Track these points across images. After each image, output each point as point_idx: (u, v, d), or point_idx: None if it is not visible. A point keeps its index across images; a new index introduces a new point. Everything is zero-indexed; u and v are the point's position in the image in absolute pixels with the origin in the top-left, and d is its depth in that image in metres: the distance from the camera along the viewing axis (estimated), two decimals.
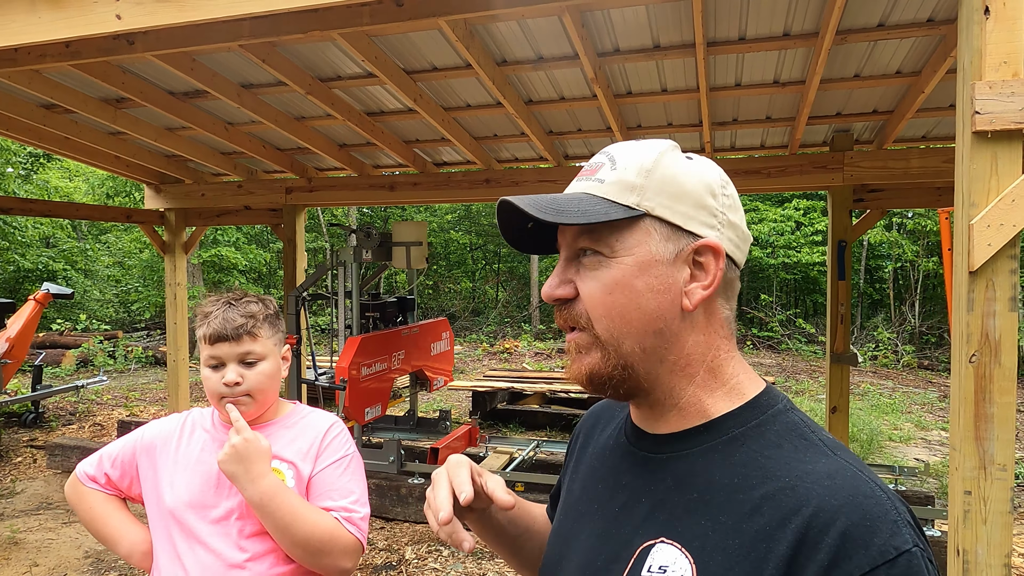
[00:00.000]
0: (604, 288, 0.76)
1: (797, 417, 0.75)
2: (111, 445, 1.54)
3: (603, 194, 0.77)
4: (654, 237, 0.75)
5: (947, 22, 3.67)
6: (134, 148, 6.48)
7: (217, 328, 1.38)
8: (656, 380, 0.77)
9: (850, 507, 0.65)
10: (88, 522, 1.49)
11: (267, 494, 1.30)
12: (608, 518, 0.80)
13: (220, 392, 1.40)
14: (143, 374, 12.34)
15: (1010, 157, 2.30)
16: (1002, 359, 2.34)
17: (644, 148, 0.79)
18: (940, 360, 14.01)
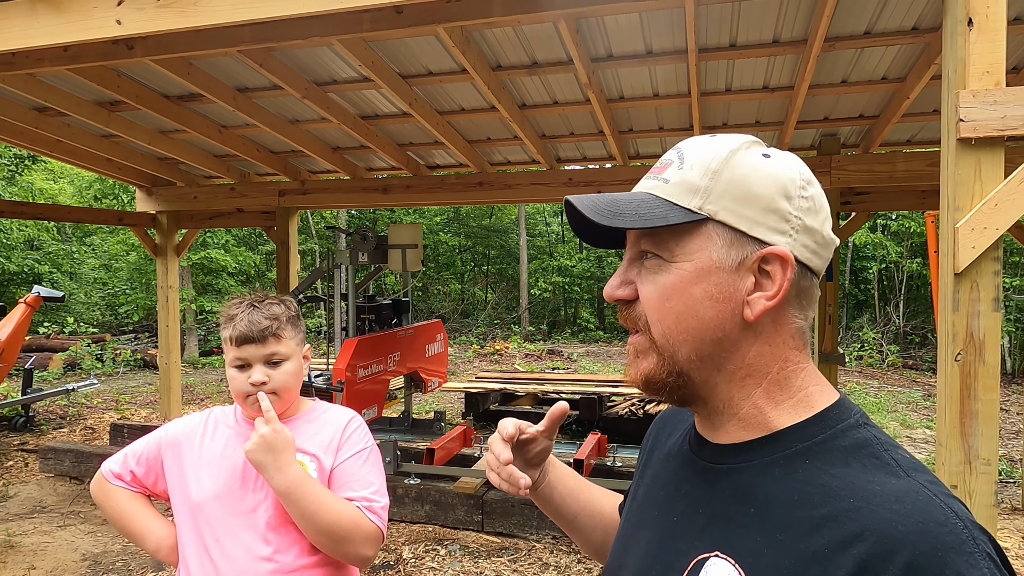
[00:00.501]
0: (661, 293, 0.73)
1: (870, 433, 0.70)
2: (136, 443, 1.57)
3: (666, 195, 0.73)
4: (716, 243, 0.71)
5: (931, 30, 3.78)
6: (126, 151, 6.47)
7: (243, 330, 1.42)
8: (714, 389, 0.75)
9: (918, 535, 0.59)
10: (115, 519, 1.52)
11: (293, 483, 1.35)
12: (666, 526, 0.78)
13: (247, 391, 1.44)
14: (132, 377, 12.27)
15: (993, 163, 2.39)
16: (986, 357, 2.43)
17: (715, 146, 0.74)
18: (924, 360, 14.23)
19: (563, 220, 23.77)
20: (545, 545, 4.55)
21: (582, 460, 4.92)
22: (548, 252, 22.15)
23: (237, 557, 1.39)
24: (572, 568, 4.22)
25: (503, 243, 22.42)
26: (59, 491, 5.81)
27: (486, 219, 22.39)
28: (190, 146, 6.38)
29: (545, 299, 21.04)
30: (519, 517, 4.71)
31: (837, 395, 0.75)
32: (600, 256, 20.82)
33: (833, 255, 0.77)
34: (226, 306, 1.50)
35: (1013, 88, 2.32)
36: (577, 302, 21.38)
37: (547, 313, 20.99)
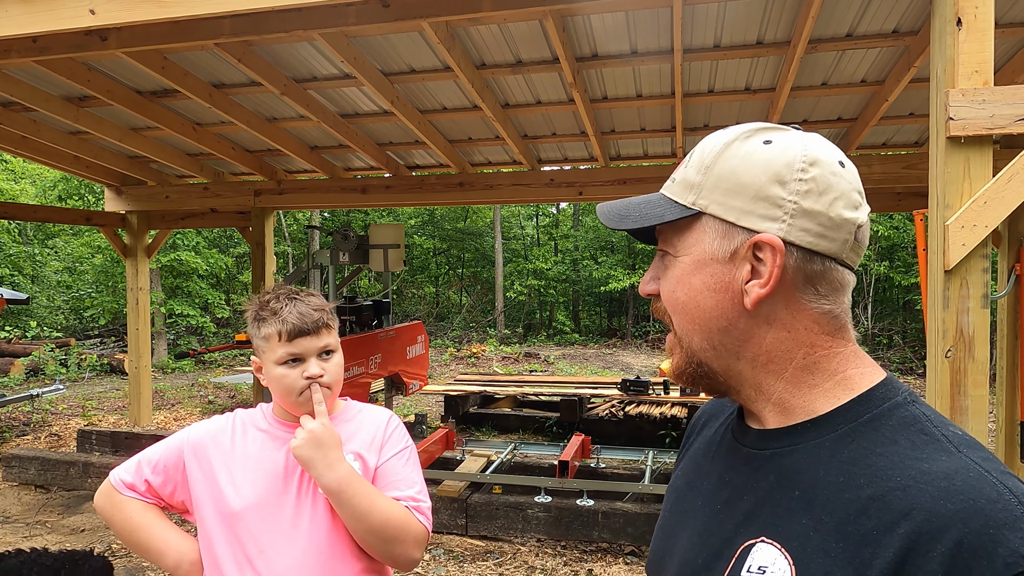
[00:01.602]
0: (669, 286, 0.78)
1: (919, 411, 0.69)
2: (149, 450, 1.44)
3: (670, 194, 0.77)
4: (709, 235, 0.73)
5: (911, 33, 3.84)
6: (96, 148, 6.29)
7: (296, 323, 1.34)
8: (739, 376, 0.76)
9: (969, 512, 0.58)
10: (127, 533, 1.39)
11: (344, 480, 1.28)
12: (710, 515, 0.78)
13: (300, 388, 1.34)
14: (99, 382, 11.91)
15: (981, 161, 2.41)
16: (976, 354, 2.45)
17: (712, 140, 0.76)
18: (892, 360, 14.51)
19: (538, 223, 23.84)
20: (530, 548, 4.50)
21: (567, 462, 4.89)
22: (523, 255, 22.13)
23: (284, 568, 1.30)
24: (558, 571, 4.18)
25: (478, 246, 22.35)
26: (24, 500, 5.60)
27: (461, 222, 22.31)
28: (163, 144, 6.22)
29: (520, 302, 21.01)
30: (504, 520, 4.65)
31: (883, 375, 0.73)
32: (575, 260, 20.88)
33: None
34: (257, 303, 1.39)
35: (1001, 87, 2.35)
36: (552, 305, 21.39)
37: (523, 316, 20.97)
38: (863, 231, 0.73)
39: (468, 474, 5.00)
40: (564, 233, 22.43)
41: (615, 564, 4.27)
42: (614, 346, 17.77)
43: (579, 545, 4.52)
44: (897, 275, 15.48)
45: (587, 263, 20.45)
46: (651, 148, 6.13)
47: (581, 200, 6.68)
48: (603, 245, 21.06)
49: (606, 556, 4.39)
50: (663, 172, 5.97)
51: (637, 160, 6.51)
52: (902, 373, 13.55)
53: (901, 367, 13.98)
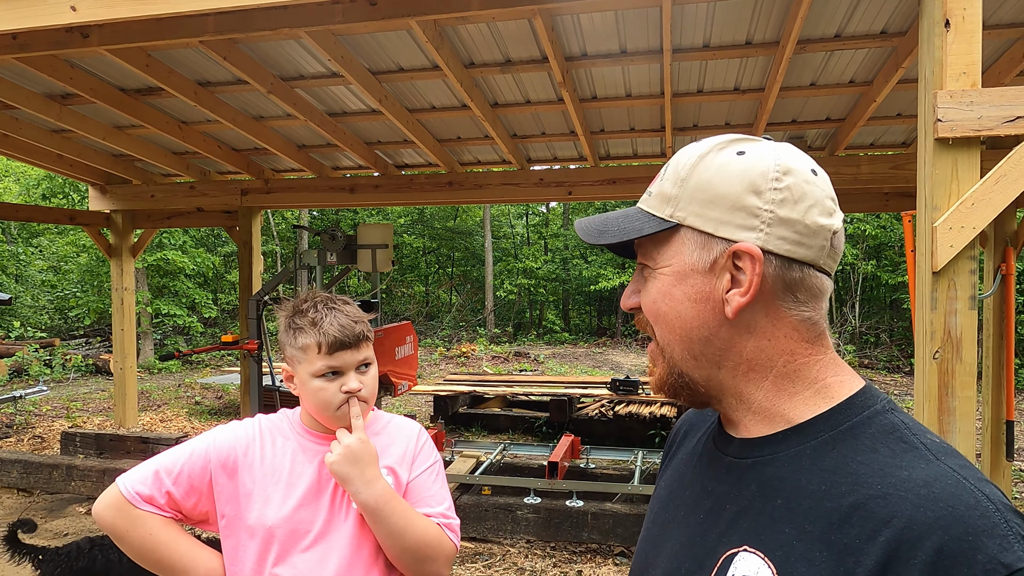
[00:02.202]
0: (650, 298, 0.78)
1: (898, 419, 0.70)
2: (165, 458, 1.33)
3: (647, 207, 0.78)
4: (688, 247, 0.74)
5: (899, 34, 3.85)
6: (79, 147, 6.20)
7: (337, 335, 1.29)
8: (720, 386, 0.76)
9: (948, 519, 0.58)
10: (147, 551, 1.27)
11: (382, 498, 1.25)
12: (693, 525, 0.78)
13: (339, 402, 1.30)
14: (84, 383, 11.79)
15: (969, 163, 2.42)
16: (963, 355, 2.46)
17: (688, 152, 0.77)
18: (879, 359, 14.63)
19: (528, 222, 23.84)
20: (520, 549, 4.48)
21: (556, 463, 4.88)
22: (513, 254, 22.13)
23: None
24: (547, 572, 4.17)
25: (468, 245, 22.32)
26: (6, 504, 5.52)
27: (451, 221, 22.27)
28: (148, 142, 6.14)
29: (511, 301, 21.00)
30: (493, 522, 4.63)
31: (862, 383, 0.74)
32: (565, 259, 20.90)
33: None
34: (293, 312, 1.34)
35: (989, 89, 2.35)
36: (543, 304, 21.40)
37: (513, 315, 20.96)
38: (838, 237, 0.74)
39: (457, 476, 4.98)
40: (554, 232, 22.43)
41: (604, 565, 4.27)
42: (604, 345, 17.80)
43: (568, 546, 4.51)
44: (884, 274, 15.59)
45: (577, 262, 20.47)
46: (640, 148, 6.12)
47: (570, 199, 6.67)
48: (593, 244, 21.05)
49: (595, 557, 4.38)
50: (652, 172, 5.96)
51: (627, 160, 6.50)
52: (889, 371, 13.65)
53: (888, 365, 14.10)
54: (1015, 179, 2.36)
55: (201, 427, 8.19)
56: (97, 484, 5.51)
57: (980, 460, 5.47)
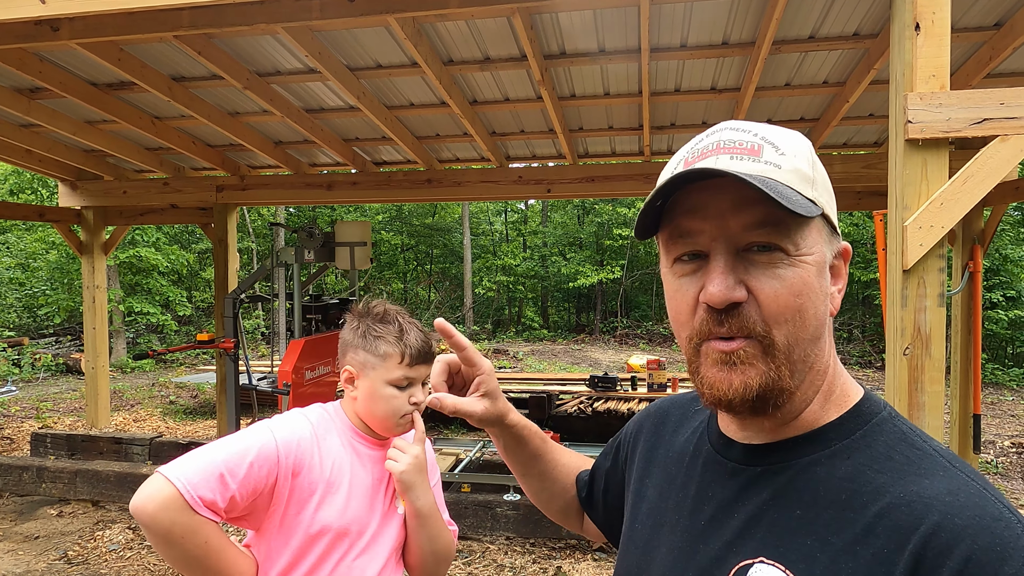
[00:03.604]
0: (791, 290, 0.66)
1: (904, 425, 0.69)
2: (225, 457, 1.20)
3: (787, 182, 0.66)
4: (823, 236, 0.69)
5: (871, 36, 3.92)
6: (49, 142, 6.07)
7: (421, 348, 1.37)
8: (797, 391, 0.70)
9: (976, 529, 0.58)
10: (199, 559, 1.16)
11: (431, 505, 1.37)
12: (692, 531, 0.75)
13: (405, 411, 1.37)
14: (54, 383, 11.54)
15: (938, 164, 2.47)
16: (932, 351, 2.52)
17: (794, 134, 0.72)
18: (852, 355, 14.89)
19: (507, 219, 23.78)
20: (499, 546, 4.50)
21: None
22: (492, 251, 22.11)
23: None
24: (527, 569, 4.19)
25: (446, 242, 22.25)
26: None
27: (429, 218, 22.17)
28: (120, 138, 6.03)
29: (489, 298, 20.99)
30: (473, 519, 4.64)
31: (863, 388, 0.74)
32: (544, 256, 20.93)
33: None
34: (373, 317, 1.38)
35: (957, 92, 2.41)
36: (521, 301, 21.42)
37: (491, 312, 20.96)
38: None
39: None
40: (533, 229, 22.46)
41: (583, 561, 4.30)
42: (582, 342, 17.88)
43: (548, 542, 4.53)
44: (856, 271, 15.86)
45: (556, 259, 20.51)
46: (619, 146, 6.16)
47: (549, 197, 6.69)
48: (571, 241, 21.16)
49: (575, 553, 4.41)
50: (631, 170, 6.01)
51: (605, 158, 6.54)
52: (861, 367, 13.90)
53: (860, 360, 14.35)
54: (982, 180, 2.42)
55: (176, 427, 8.07)
56: (68, 486, 5.41)
57: None
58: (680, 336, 0.73)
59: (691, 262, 0.70)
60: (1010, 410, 9.50)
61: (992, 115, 2.41)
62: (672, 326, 0.74)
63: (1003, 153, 2.41)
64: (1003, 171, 2.41)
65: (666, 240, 0.72)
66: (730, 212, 0.66)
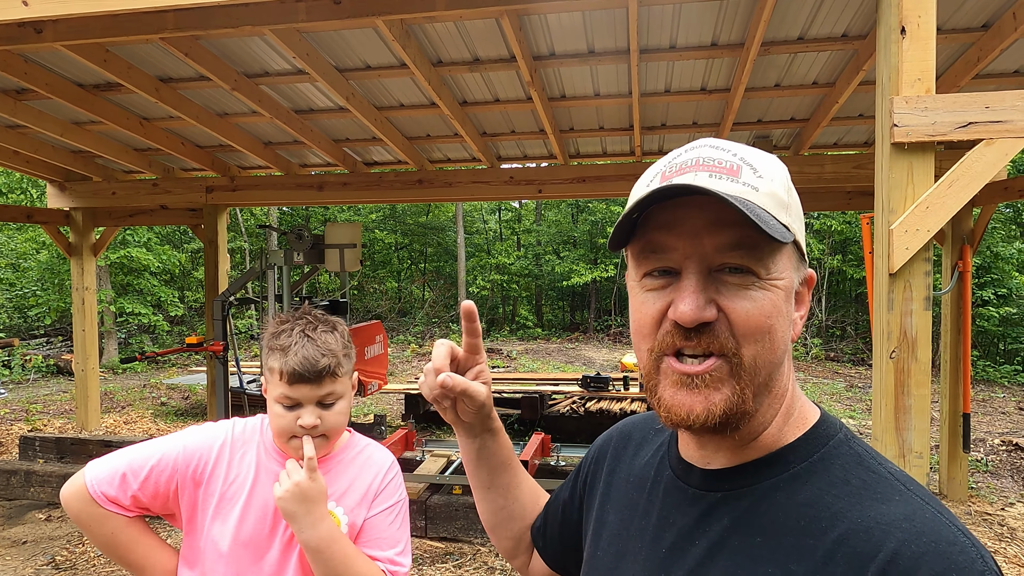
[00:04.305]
0: (762, 311, 0.66)
1: (860, 447, 0.70)
2: (133, 457, 1.30)
3: (764, 205, 0.66)
4: (793, 263, 0.70)
5: (859, 38, 3.92)
6: (36, 143, 6.02)
7: (298, 368, 1.25)
8: (757, 413, 0.70)
9: (933, 555, 0.58)
10: (109, 548, 1.31)
11: (325, 540, 1.23)
12: (654, 559, 0.74)
13: (293, 432, 1.28)
14: (44, 385, 11.47)
15: (924, 167, 2.47)
16: (918, 354, 2.52)
17: (771, 157, 0.72)
18: (845, 352, 14.95)
19: (501, 218, 23.76)
20: (490, 549, 4.49)
21: (526, 460, 4.89)
22: (486, 250, 22.09)
23: None
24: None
25: (440, 241, 22.22)
26: None
27: (423, 216, 22.13)
28: (108, 139, 5.99)
29: (483, 297, 20.97)
30: (463, 521, 4.63)
31: (818, 409, 0.75)
32: (538, 254, 20.92)
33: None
34: (272, 327, 1.31)
35: (943, 95, 2.41)
36: (515, 300, 21.42)
37: (485, 311, 20.94)
38: None
39: (427, 476, 4.96)
40: (526, 228, 22.44)
41: None
42: (576, 340, 17.89)
43: None
44: (850, 268, 15.92)
45: (550, 258, 20.51)
46: (610, 147, 6.15)
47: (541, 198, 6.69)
48: (565, 240, 21.16)
49: None
50: (622, 171, 6.00)
51: (596, 158, 6.53)
52: (854, 364, 13.96)
53: (853, 358, 14.41)
54: (967, 183, 2.42)
55: (167, 429, 8.03)
56: (57, 490, 5.36)
57: (938, 451, 5.63)
58: (640, 348, 0.71)
59: (661, 277, 0.69)
60: (1001, 407, 9.55)
61: (977, 119, 2.41)
62: (633, 338, 0.73)
63: (988, 157, 2.42)
64: (988, 175, 2.41)
65: (637, 253, 0.71)
66: (705, 231, 0.66)
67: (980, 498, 5.43)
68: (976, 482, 5.85)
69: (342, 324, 1.38)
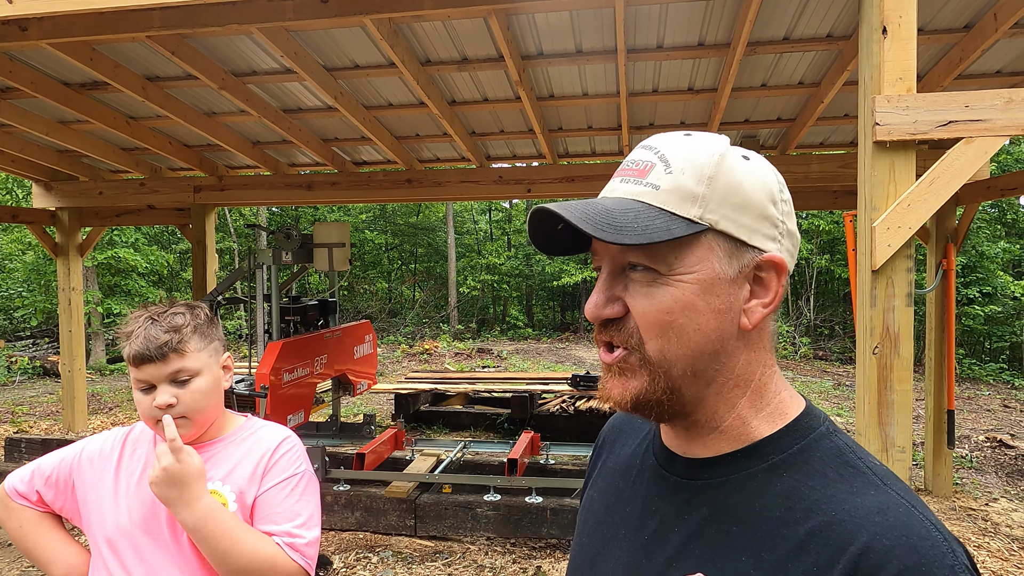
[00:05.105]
0: (660, 309, 0.68)
1: (841, 441, 0.70)
2: (45, 460, 1.42)
3: (660, 203, 0.68)
4: (717, 254, 0.68)
5: (844, 38, 3.96)
6: (21, 142, 5.97)
7: (139, 348, 1.26)
8: (701, 403, 0.72)
9: (903, 549, 0.59)
10: (18, 541, 1.39)
11: (201, 519, 1.22)
12: (637, 547, 0.75)
13: (154, 415, 1.29)
14: (30, 386, 11.37)
15: (905, 165, 2.51)
16: (900, 350, 2.55)
17: (702, 147, 0.70)
18: (833, 351, 15.06)
19: (491, 218, 23.77)
20: (480, 547, 4.50)
21: (516, 459, 4.91)
22: (476, 250, 22.08)
23: None
24: (507, 569, 4.19)
25: (431, 241, 22.19)
26: None
27: (413, 216, 22.10)
28: (95, 138, 5.95)
29: (474, 297, 20.97)
30: (453, 520, 4.64)
31: (803, 402, 0.74)
32: (528, 254, 20.94)
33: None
34: (127, 319, 1.34)
35: (923, 95, 2.45)
36: (506, 300, 21.42)
37: (476, 311, 20.94)
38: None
39: (416, 474, 4.96)
40: (517, 228, 22.45)
41: (564, 560, 4.31)
42: (567, 340, 17.92)
43: (528, 542, 4.55)
44: (838, 268, 16.04)
45: (540, 258, 20.52)
46: (599, 146, 6.18)
47: (530, 197, 6.70)
48: None
49: (555, 552, 4.42)
50: (611, 170, 6.03)
51: (585, 157, 6.55)
52: (842, 362, 14.06)
53: (841, 356, 14.51)
54: (947, 181, 2.46)
55: None
56: None
57: (924, 448, 5.69)
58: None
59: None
60: (986, 405, 9.66)
61: (957, 117, 2.44)
62: None
63: (968, 155, 2.45)
64: (968, 172, 2.45)
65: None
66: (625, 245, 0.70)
67: (964, 494, 5.50)
68: (961, 478, 5.92)
69: (202, 307, 1.39)
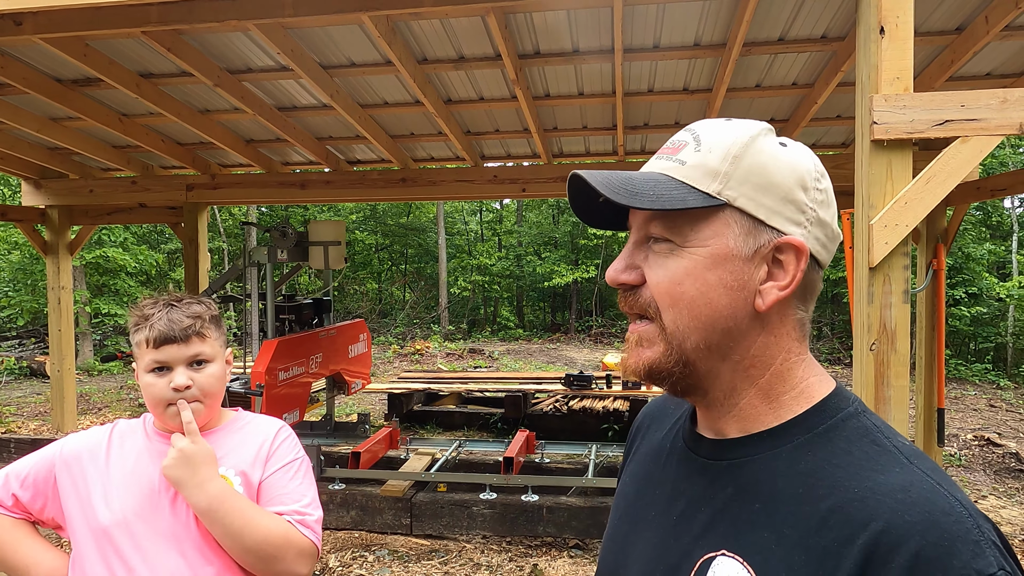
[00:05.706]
0: (672, 279, 0.71)
1: (869, 421, 0.70)
2: (18, 463, 1.39)
3: (682, 177, 0.71)
4: (733, 230, 0.70)
5: (838, 39, 4.00)
6: (11, 139, 5.91)
7: (163, 330, 1.29)
8: (716, 379, 0.73)
9: (925, 525, 0.59)
10: None
11: (216, 499, 1.24)
12: (666, 527, 0.77)
13: (167, 398, 1.30)
14: (17, 387, 11.25)
15: (902, 164, 2.54)
16: (897, 346, 2.58)
17: (734, 130, 0.72)
18: (822, 351, 15.17)
19: (482, 219, 23.78)
20: (476, 545, 4.50)
21: (512, 458, 4.91)
22: (467, 251, 22.07)
23: None
24: (504, 567, 4.20)
25: (421, 241, 22.16)
26: None
27: (404, 217, 22.05)
28: (86, 135, 5.90)
29: (464, 298, 20.96)
30: (449, 518, 4.64)
31: (834, 384, 0.75)
32: (519, 255, 20.95)
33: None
34: (137, 308, 1.35)
35: (920, 94, 2.48)
36: (496, 300, 21.43)
37: (467, 312, 20.92)
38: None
39: (412, 473, 4.96)
40: (508, 229, 22.47)
41: (560, 558, 4.32)
42: (558, 340, 17.94)
43: (524, 540, 4.55)
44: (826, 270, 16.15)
45: (531, 258, 20.55)
46: (593, 146, 6.20)
47: (524, 196, 6.72)
48: (546, 241, 21.21)
49: (551, 550, 4.43)
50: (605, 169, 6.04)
51: (580, 157, 6.57)
52: (830, 363, 14.17)
53: (830, 357, 14.63)
54: (944, 179, 2.49)
55: None
56: None
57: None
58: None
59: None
60: (973, 404, 9.77)
61: (953, 116, 2.47)
62: None
63: (964, 154, 2.49)
64: (964, 171, 2.48)
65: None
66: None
67: None
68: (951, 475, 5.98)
69: (211, 302, 1.41)
